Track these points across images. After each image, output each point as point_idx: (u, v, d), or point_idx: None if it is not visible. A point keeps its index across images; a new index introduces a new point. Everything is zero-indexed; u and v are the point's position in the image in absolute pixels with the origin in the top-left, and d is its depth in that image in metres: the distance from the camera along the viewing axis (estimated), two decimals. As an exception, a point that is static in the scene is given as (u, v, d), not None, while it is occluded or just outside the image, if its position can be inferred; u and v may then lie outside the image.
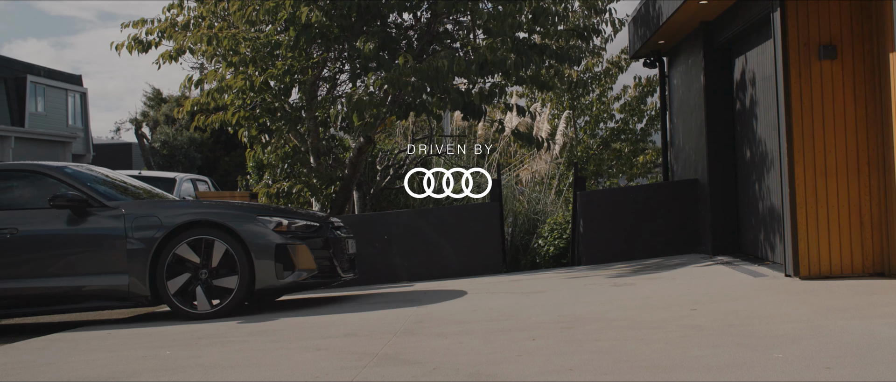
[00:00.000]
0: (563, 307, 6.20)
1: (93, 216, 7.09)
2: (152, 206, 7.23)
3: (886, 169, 6.76)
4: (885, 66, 6.69)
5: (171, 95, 37.36)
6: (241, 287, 6.92)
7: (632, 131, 17.66)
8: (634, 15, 11.77)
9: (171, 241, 6.95)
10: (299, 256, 7.06)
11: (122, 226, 7.02)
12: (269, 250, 6.95)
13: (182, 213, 7.05)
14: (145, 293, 6.97)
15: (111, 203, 7.16)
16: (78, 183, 7.26)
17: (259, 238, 6.95)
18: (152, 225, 6.98)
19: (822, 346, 4.25)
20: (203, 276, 6.96)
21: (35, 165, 7.53)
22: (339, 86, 10.92)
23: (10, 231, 7.06)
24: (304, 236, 7.16)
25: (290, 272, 7.03)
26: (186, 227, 6.97)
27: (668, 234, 10.34)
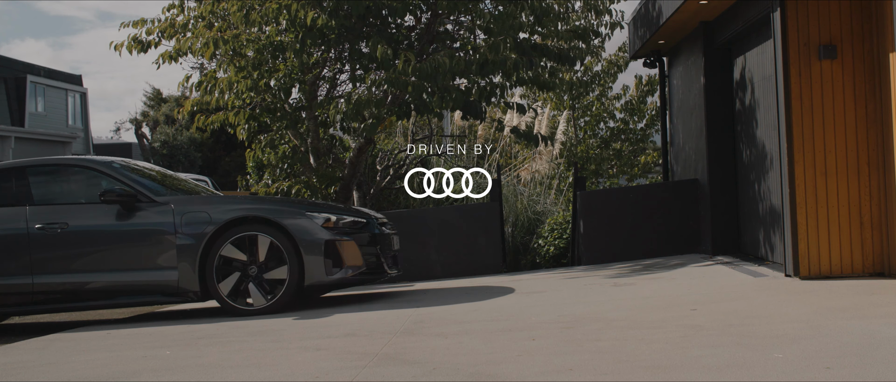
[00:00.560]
0: (563, 307, 6.20)
1: (141, 212, 7.09)
2: (201, 201, 7.23)
3: (886, 169, 6.76)
4: (885, 66, 6.69)
5: (171, 95, 37.38)
6: (291, 283, 6.92)
7: (632, 131, 17.67)
8: (634, 15, 11.77)
9: (221, 236, 6.94)
10: (347, 252, 7.05)
11: (172, 221, 7.02)
12: (318, 246, 6.94)
13: (231, 209, 7.04)
14: (195, 289, 6.97)
15: (160, 199, 7.17)
16: (126, 178, 7.28)
17: (308, 234, 6.95)
18: (202, 221, 6.98)
19: (822, 346, 4.25)
20: (253, 272, 6.95)
21: (82, 159, 7.56)
22: (339, 86, 10.92)
23: (60, 226, 7.07)
24: (351, 232, 7.16)
25: (339, 268, 7.02)
26: (236, 223, 6.97)
27: (668, 234, 10.34)
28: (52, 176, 7.48)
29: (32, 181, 7.31)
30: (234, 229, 6.95)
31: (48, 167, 7.51)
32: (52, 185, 7.44)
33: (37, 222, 7.08)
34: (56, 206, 7.20)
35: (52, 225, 7.06)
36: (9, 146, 25.65)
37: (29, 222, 7.09)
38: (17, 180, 7.31)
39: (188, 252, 6.94)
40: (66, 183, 7.51)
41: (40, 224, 7.06)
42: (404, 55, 8.99)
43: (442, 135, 14.76)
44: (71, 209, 7.19)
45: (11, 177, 7.34)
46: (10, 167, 7.43)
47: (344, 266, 7.04)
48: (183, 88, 10.40)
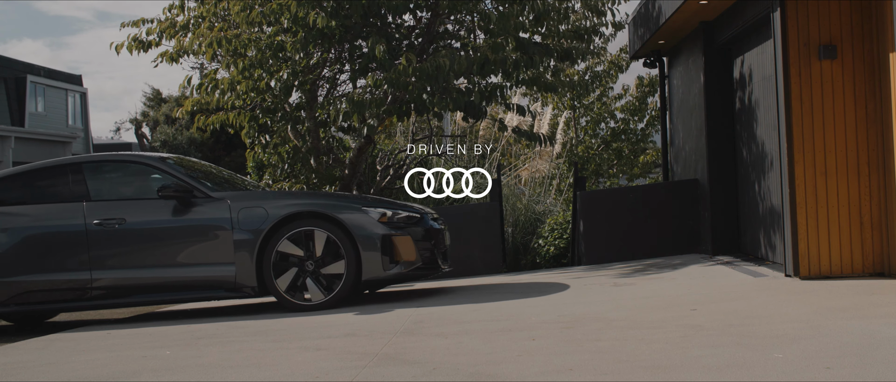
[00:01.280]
0: (563, 307, 6.20)
1: (197, 207, 7.11)
2: (257, 197, 7.26)
3: (886, 169, 6.76)
4: (885, 66, 6.69)
5: (170, 95, 37.37)
6: (349, 278, 6.93)
7: (632, 132, 17.68)
8: (634, 15, 11.77)
9: (278, 231, 6.95)
10: (403, 247, 7.06)
11: (228, 217, 7.04)
12: (375, 240, 6.95)
13: (288, 204, 7.06)
14: (253, 284, 6.99)
15: (216, 194, 7.19)
16: (181, 174, 7.31)
17: (365, 229, 6.96)
18: (258, 216, 6.99)
19: (822, 346, 4.25)
20: (310, 267, 6.97)
21: (137, 155, 7.61)
22: (340, 86, 10.92)
23: (117, 221, 7.10)
24: (406, 226, 7.17)
25: (396, 263, 7.04)
26: (291, 218, 6.98)
27: (668, 234, 10.34)
28: (107, 172, 7.52)
29: (88, 177, 7.35)
30: (290, 224, 6.96)
31: (103, 163, 7.55)
32: (108, 181, 7.47)
33: (94, 217, 7.11)
34: (112, 202, 7.25)
35: (110, 221, 7.09)
36: (9, 146, 25.65)
37: (87, 217, 7.12)
38: (73, 176, 7.35)
39: (245, 247, 6.96)
40: (121, 179, 7.56)
41: (98, 220, 7.10)
42: (405, 55, 8.99)
43: (442, 135, 14.76)
44: (127, 205, 7.23)
45: (67, 173, 7.38)
46: (65, 163, 7.47)
47: (400, 261, 7.05)
48: (183, 88, 10.39)
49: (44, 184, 7.42)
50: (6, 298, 7.04)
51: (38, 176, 7.46)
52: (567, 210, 12.46)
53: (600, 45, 16.11)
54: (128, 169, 7.55)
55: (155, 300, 7.15)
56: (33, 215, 7.19)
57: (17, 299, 7.05)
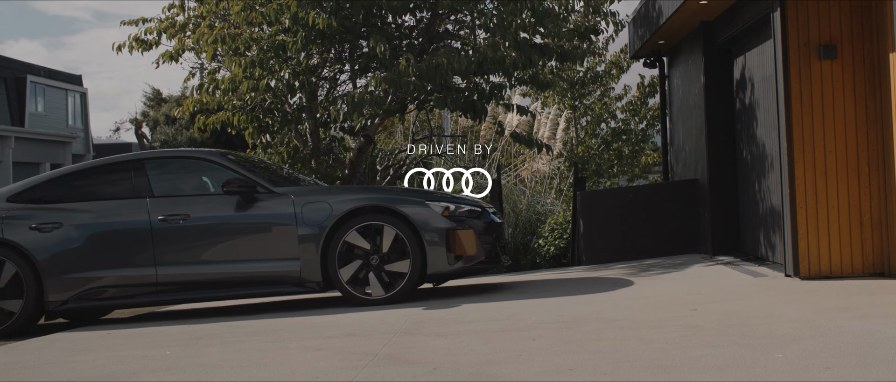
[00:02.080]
0: (563, 307, 6.20)
1: (261, 202, 7.12)
2: (320, 191, 7.26)
3: (886, 169, 6.76)
4: (885, 66, 6.69)
5: (171, 95, 37.37)
6: (414, 272, 6.92)
7: (632, 132, 17.68)
8: (634, 15, 11.77)
9: (342, 226, 6.95)
10: (467, 241, 7.04)
11: (292, 212, 7.04)
12: (439, 235, 6.94)
13: (351, 198, 7.05)
14: (317, 279, 6.98)
15: (278, 189, 7.19)
16: (242, 169, 7.33)
17: (429, 223, 6.95)
18: (323, 211, 6.99)
19: (822, 346, 4.25)
20: (374, 262, 6.96)
21: (198, 151, 7.66)
22: (340, 86, 10.92)
23: (182, 217, 7.11)
24: (468, 220, 7.16)
25: (460, 257, 7.03)
26: (355, 212, 6.97)
27: (668, 234, 10.34)
28: (168, 168, 7.55)
29: (151, 174, 7.37)
30: (355, 218, 6.95)
31: (165, 160, 7.58)
32: (170, 177, 7.49)
33: (159, 213, 7.13)
34: (175, 198, 7.26)
35: (174, 217, 7.11)
36: (9, 146, 25.65)
37: (151, 214, 7.14)
38: (136, 172, 7.37)
39: (310, 242, 6.96)
40: (183, 175, 7.59)
41: (162, 216, 7.12)
42: (405, 55, 8.99)
43: (442, 135, 14.76)
44: (191, 201, 7.26)
45: (130, 169, 7.40)
46: (127, 160, 7.49)
47: (465, 256, 7.04)
48: (184, 87, 10.41)
49: (105, 181, 7.43)
50: (72, 294, 7.05)
51: (100, 173, 7.49)
52: (567, 210, 12.46)
53: (601, 47, 16.12)
54: (188, 165, 7.58)
55: (219, 296, 7.17)
56: (97, 212, 7.21)
57: (83, 295, 7.06)
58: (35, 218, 7.16)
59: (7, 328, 6.99)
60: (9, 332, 6.97)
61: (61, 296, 7.04)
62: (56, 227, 7.12)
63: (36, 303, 7.02)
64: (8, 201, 7.32)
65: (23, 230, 7.09)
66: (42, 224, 7.12)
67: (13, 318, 6.99)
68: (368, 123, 10.36)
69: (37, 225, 7.12)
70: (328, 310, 7.03)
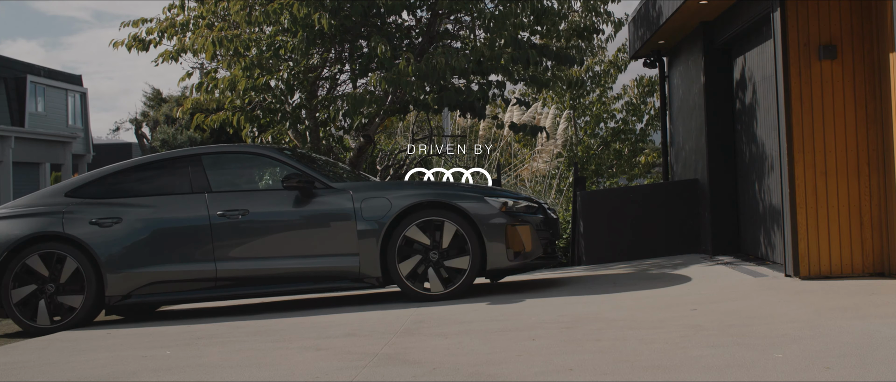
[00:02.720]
0: (563, 307, 6.20)
1: (319, 198, 7.11)
2: (379, 187, 7.27)
3: (886, 169, 6.76)
4: (885, 66, 6.69)
5: (170, 94, 37.36)
6: (473, 268, 6.92)
7: (632, 131, 17.67)
8: (634, 15, 11.77)
9: (401, 222, 6.94)
10: (526, 237, 7.05)
11: (352, 207, 7.03)
12: (498, 230, 6.93)
13: (410, 193, 7.05)
14: (377, 275, 6.97)
15: (337, 185, 7.19)
16: (299, 164, 7.33)
17: (488, 219, 6.94)
18: (382, 206, 6.98)
19: (823, 346, 4.25)
20: (433, 257, 6.95)
21: (255, 146, 7.68)
22: (340, 86, 10.93)
23: (241, 212, 7.10)
24: (525, 215, 7.16)
25: (519, 253, 7.03)
26: (414, 208, 6.96)
27: (668, 234, 10.34)
28: (225, 163, 7.54)
29: (208, 169, 7.38)
30: (414, 213, 6.94)
31: (222, 154, 7.57)
32: (227, 172, 7.49)
33: (217, 209, 7.13)
34: (234, 193, 7.26)
35: (233, 212, 7.10)
36: (9, 146, 25.64)
37: (210, 209, 7.13)
38: (193, 167, 7.37)
39: (370, 238, 6.95)
40: (240, 170, 7.60)
41: (221, 211, 7.11)
42: (404, 55, 9.00)
43: (442, 135, 14.76)
44: (249, 196, 7.25)
45: (187, 165, 7.40)
46: (184, 155, 7.50)
47: (523, 251, 7.04)
48: (183, 85, 10.40)
49: (162, 176, 7.43)
50: (132, 289, 7.06)
51: (156, 168, 7.49)
52: (567, 210, 12.46)
53: (602, 45, 16.10)
54: (245, 160, 7.60)
55: (277, 292, 7.17)
56: (156, 207, 7.22)
57: (143, 290, 7.07)
58: (94, 213, 7.17)
59: (68, 322, 7.01)
60: (70, 326, 6.98)
61: (122, 291, 7.05)
62: (116, 222, 7.12)
63: (96, 298, 7.04)
64: (66, 196, 7.34)
65: (83, 225, 7.11)
66: (102, 219, 7.13)
67: (74, 313, 7.02)
68: (368, 122, 10.37)
69: (97, 220, 7.13)
70: (328, 310, 7.03)
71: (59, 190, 7.42)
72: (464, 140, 14.50)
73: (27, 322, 7.03)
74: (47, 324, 7.00)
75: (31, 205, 7.35)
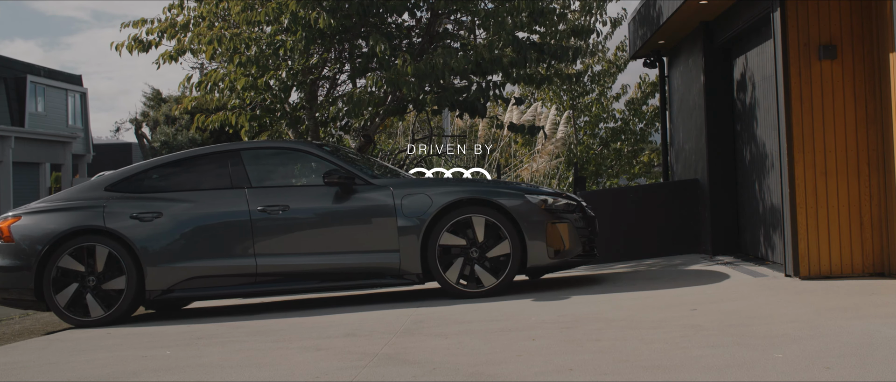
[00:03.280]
0: (563, 307, 6.20)
1: (359, 194, 7.10)
2: (419, 184, 7.26)
3: (886, 169, 6.76)
4: (885, 66, 6.69)
5: (170, 95, 37.35)
6: (513, 265, 6.92)
7: (632, 131, 17.67)
8: (634, 15, 11.78)
9: (442, 219, 6.93)
10: (566, 234, 7.06)
11: (392, 204, 7.03)
12: (539, 228, 6.94)
13: (450, 190, 7.04)
14: (417, 271, 6.97)
15: (376, 181, 7.19)
16: (339, 161, 7.33)
17: (528, 216, 6.94)
18: (423, 203, 6.98)
19: (823, 346, 4.25)
20: (474, 254, 6.94)
21: (294, 142, 7.71)
22: (339, 86, 10.93)
23: (281, 208, 7.10)
24: (564, 213, 7.17)
25: (559, 250, 7.04)
26: (454, 205, 6.95)
27: (668, 234, 10.34)
28: (264, 159, 7.54)
29: (247, 165, 7.37)
30: (455, 210, 6.94)
31: (261, 150, 7.59)
32: (266, 168, 7.49)
33: (258, 204, 7.12)
34: (273, 188, 7.26)
35: (274, 207, 7.10)
36: (9, 146, 25.64)
37: (250, 204, 7.13)
38: (233, 163, 7.37)
39: (410, 234, 6.94)
40: (279, 166, 7.60)
41: (262, 207, 7.10)
42: (403, 55, 9.00)
43: (442, 135, 14.76)
44: (289, 191, 7.26)
45: (227, 160, 7.40)
46: (223, 150, 7.50)
47: (563, 249, 7.06)
48: (183, 87, 10.39)
49: (202, 171, 7.43)
50: (172, 284, 7.06)
51: (196, 163, 7.49)
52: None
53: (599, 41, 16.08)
54: (284, 156, 7.61)
55: (318, 288, 7.16)
56: (197, 202, 7.21)
57: (183, 285, 7.07)
58: (135, 207, 7.18)
59: (107, 317, 7.02)
60: (108, 321, 7.01)
61: (162, 285, 7.06)
62: (156, 216, 7.13)
63: (137, 292, 7.05)
64: (106, 190, 7.35)
65: (123, 219, 7.11)
66: (142, 213, 7.14)
67: (113, 308, 7.02)
68: (368, 123, 10.37)
69: (137, 214, 7.14)
70: (328, 310, 7.03)
71: (99, 184, 7.43)
72: (464, 140, 14.51)
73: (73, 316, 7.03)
74: (101, 314, 7.01)
75: (71, 199, 7.36)
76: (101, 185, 7.40)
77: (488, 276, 6.95)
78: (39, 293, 7.06)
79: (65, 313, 7.04)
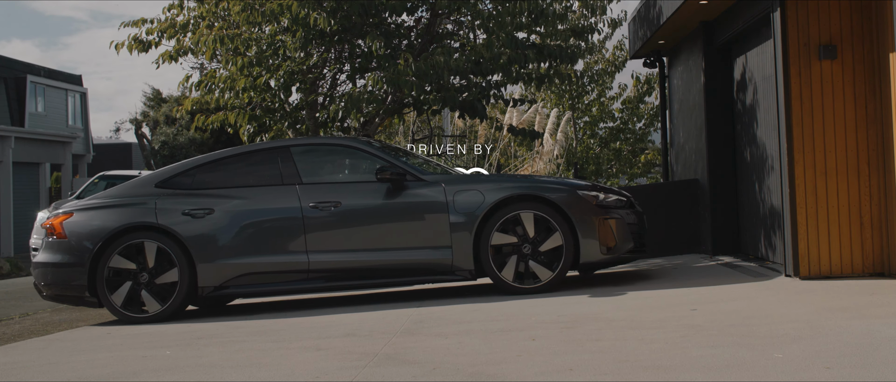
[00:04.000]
0: (563, 307, 6.20)
1: (410, 190, 7.10)
2: (470, 180, 7.24)
3: (886, 169, 6.76)
4: (885, 66, 6.69)
5: (171, 95, 37.36)
6: (566, 261, 6.92)
7: (631, 131, 17.68)
8: (634, 15, 11.77)
9: (494, 215, 6.92)
10: (618, 230, 7.08)
11: (444, 200, 7.02)
12: (592, 224, 6.95)
13: (502, 186, 7.04)
14: (470, 268, 6.97)
15: (428, 177, 7.19)
16: (389, 157, 7.33)
17: (581, 213, 6.94)
18: (475, 199, 6.97)
19: (822, 346, 4.25)
20: (526, 250, 6.93)
21: (344, 139, 7.71)
22: (339, 86, 10.94)
23: (333, 204, 7.09)
24: (616, 209, 7.18)
25: (612, 246, 7.04)
26: (505, 201, 6.95)
27: (668, 234, 10.34)
28: (314, 155, 7.55)
29: (298, 161, 7.37)
30: (507, 206, 6.94)
31: (311, 146, 7.60)
32: (316, 164, 7.51)
33: (310, 200, 7.12)
34: (325, 184, 7.25)
35: (326, 204, 7.09)
36: (9, 146, 25.63)
37: (302, 200, 7.12)
38: (283, 160, 7.36)
39: (463, 231, 6.93)
40: (329, 163, 7.62)
41: (314, 203, 7.10)
42: (404, 55, 9.00)
43: (442, 135, 14.76)
44: (340, 188, 7.24)
45: (277, 157, 7.39)
46: (274, 147, 7.50)
47: (615, 244, 7.06)
48: (183, 87, 10.40)
49: (252, 167, 7.43)
50: (225, 280, 7.06)
51: (246, 159, 7.48)
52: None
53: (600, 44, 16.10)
54: (334, 152, 7.62)
55: (369, 284, 7.16)
56: (248, 198, 7.21)
57: (236, 281, 7.07)
58: (186, 204, 7.18)
59: (163, 312, 7.01)
60: (164, 316, 7.01)
61: (214, 282, 7.05)
62: (208, 212, 7.13)
63: (189, 288, 7.05)
64: (157, 187, 7.36)
65: (175, 216, 7.11)
66: (194, 210, 7.14)
67: (166, 305, 7.02)
68: (368, 122, 10.37)
69: (189, 211, 7.13)
70: (328, 310, 7.03)
71: (149, 181, 7.43)
72: (464, 140, 14.50)
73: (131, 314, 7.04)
74: (159, 308, 7.01)
75: (122, 196, 7.36)
76: (151, 181, 7.41)
77: (544, 270, 6.93)
78: (93, 289, 7.07)
79: (122, 311, 7.03)
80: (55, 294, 7.25)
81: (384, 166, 7.15)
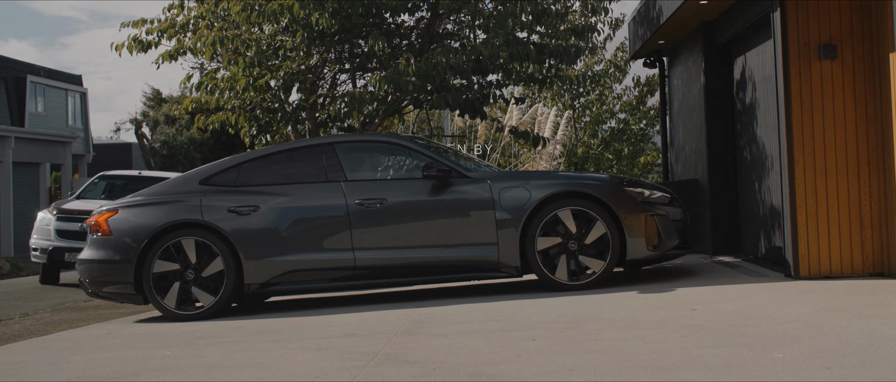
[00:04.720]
0: (563, 307, 6.20)
1: (456, 187, 7.09)
2: (516, 177, 7.25)
3: (886, 169, 6.76)
4: (885, 66, 6.69)
5: (171, 95, 37.36)
6: (613, 258, 6.92)
7: (632, 132, 17.70)
8: (634, 15, 11.77)
9: (541, 212, 6.91)
10: (664, 227, 7.08)
11: (490, 197, 7.01)
12: (639, 221, 6.94)
13: (548, 183, 7.03)
14: (516, 264, 6.96)
15: (473, 174, 7.18)
16: (434, 154, 7.33)
17: (628, 210, 6.93)
18: (521, 196, 6.96)
19: (822, 346, 4.25)
20: (572, 247, 6.93)
21: (387, 135, 7.71)
22: (340, 86, 10.94)
23: (378, 201, 7.08)
24: (661, 206, 7.18)
25: (658, 243, 7.04)
26: (551, 198, 6.94)
27: (668, 234, 10.33)
28: (358, 152, 7.54)
29: (342, 158, 7.36)
30: (553, 203, 6.93)
31: (355, 143, 7.57)
32: (360, 161, 7.50)
33: (355, 197, 7.11)
34: (370, 182, 7.25)
35: (371, 200, 7.08)
36: (9, 146, 25.63)
37: (347, 197, 7.11)
38: (327, 156, 7.36)
39: (509, 227, 6.92)
40: (373, 159, 7.61)
41: (359, 200, 7.09)
42: (404, 55, 9.00)
43: (442, 135, 14.75)
44: (385, 185, 7.23)
45: (321, 154, 7.39)
46: (318, 144, 7.49)
47: (661, 241, 7.06)
48: (184, 87, 10.40)
49: (296, 164, 7.41)
50: (271, 277, 7.06)
51: (289, 156, 7.47)
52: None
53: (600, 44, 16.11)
54: (378, 149, 7.61)
55: (414, 282, 7.15)
56: (293, 195, 7.20)
57: (284, 278, 7.07)
58: (231, 201, 7.18)
59: (215, 304, 7.01)
60: (214, 311, 7.00)
61: (260, 279, 7.05)
62: (253, 210, 7.12)
63: (235, 285, 7.05)
64: (201, 184, 7.35)
65: (221, 213, 7.11)
66: (239, 207, 7.14)
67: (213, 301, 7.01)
68: (368, 122, 10.37)
69: (234, 208, 7.13)
70: (328, 310, 7.03)
71: (193, 178, 7.43)
72: (464, 140, 14.50)
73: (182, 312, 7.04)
74: (212, 300, 7.00)
75: (166, 193, 7.36)
76: (195, 179, 7.41)
77: (595, 261, 6.93)
78: (139, 286, 7.07)
79: (173, 311, 7.03)
80: (101, 291, 7.24)
81: (430, 162, 7.13)
